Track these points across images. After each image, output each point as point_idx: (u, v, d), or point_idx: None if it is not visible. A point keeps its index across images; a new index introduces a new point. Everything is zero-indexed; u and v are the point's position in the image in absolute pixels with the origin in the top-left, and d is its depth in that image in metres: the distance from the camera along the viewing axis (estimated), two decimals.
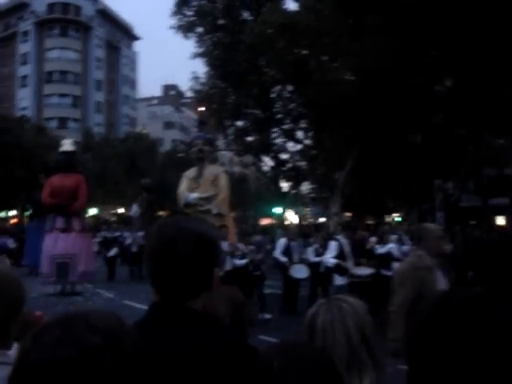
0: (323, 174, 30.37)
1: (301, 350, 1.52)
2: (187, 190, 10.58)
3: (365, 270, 11.33)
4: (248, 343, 1.79)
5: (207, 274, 1.79)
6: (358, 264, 11.50)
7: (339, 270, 11.07)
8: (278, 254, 13.87)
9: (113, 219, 49.12)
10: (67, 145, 17.20)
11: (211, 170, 10.60)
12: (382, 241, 13.07)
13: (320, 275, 13.30)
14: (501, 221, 31.72)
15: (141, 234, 20.83)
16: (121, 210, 55.09)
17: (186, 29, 28.41)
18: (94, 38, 74.83)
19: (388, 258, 12.34)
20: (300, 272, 13.20)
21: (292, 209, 52.40)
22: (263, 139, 30.78)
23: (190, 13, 28.34)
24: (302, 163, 33.80)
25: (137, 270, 20.32)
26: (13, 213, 46.72)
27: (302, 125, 31.16)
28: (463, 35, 17.98)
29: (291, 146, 32.93)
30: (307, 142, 32.09)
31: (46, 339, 1.04)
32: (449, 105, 21.98)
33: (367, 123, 21.98)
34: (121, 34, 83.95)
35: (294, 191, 42.21)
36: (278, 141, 32.18)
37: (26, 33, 72.00)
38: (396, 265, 12.37)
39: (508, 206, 29.69)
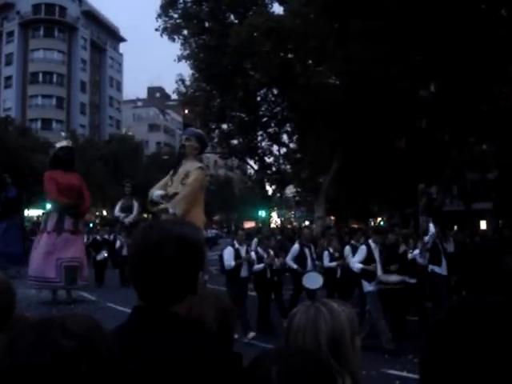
0: (308, 177, 30.44)
1: (299, 357, 1.51)
2: (160, 187, 10.25)
3: (393, 277, 10.60)
4: (232, 350, 1.78)
5: (191, 277, 1.76)
6: (387, 270, 10.83)
7: (366, 275, 10.51)
8: (289, 260, 12.85)
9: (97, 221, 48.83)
10: (64, 142, 16.51)
11: (187, 166, 10.05)
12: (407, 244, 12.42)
13: (336, 281, 12.81)
14: (483, 225, 31.98)
15: None
16: (104, 212, 54.86)
17: (171, 31, 28.34)
18: (79, 39, 74.35)
19: (413, 264, 11.82)
20: (313, 281, 12.22)
21: (276, 212, 52.48)
22: (248, 142, 30.80)
23: (175, 15, 28.28)
24: (287, 167, 33.87)
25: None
26: None
27: (287, 128, 31.24)
28: (447, 42, 18.09)
29: (276, 149, 33.04)
30: (292, 145, 32.18)
31: (21, 344, 1.04)
32: (432, 110, 22.10)
33: (352, 127, 22.03)
34: (106, 35, 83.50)
35: (278, 194, 42.25)
36: (263, 144, 32.25)
37: (10, 33, 71.40)
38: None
39: (490, 210, 29.92)
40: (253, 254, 12.39)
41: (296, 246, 13.18)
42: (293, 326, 1.96)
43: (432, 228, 11.83)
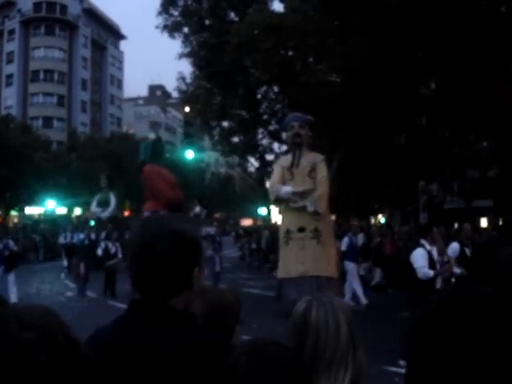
0: None
1: (271, 349, 1.51)
2: (280, 181, 8.81)
3: None
4: (225, 343, 1.79)
5: (187, 272, 1.78)
6: None
7: None
8: (453, 264, 9.92)
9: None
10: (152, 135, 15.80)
11: (309, 157, 8.74)
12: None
13: None
14: (484, 223, 31.96)
15: None
16: None
17: (171, 29, 28.33)
18: (80, 37, 74.31)
19: None
20: None
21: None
22: (249, 140, 30.79)
23: (176, 13, 28.27)
24: None
25: None
26: None
27: None
28: (447, 38, 18.08)
29: (277, 147, 33.02)
30: None
31: None
32: (433, 107, 22.07)
33: (353, 125, 22.01)
34: (107, 33, 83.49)
35: None
36: (264, 142, 32.23)
37: (11, 31, 71.31)
38: None
39: (491, 208, 29.89)
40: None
41: (455, 246, 10.76)
42: (311, 322, 1.95)
43: None
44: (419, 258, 8.73)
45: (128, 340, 1.71)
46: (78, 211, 51.24)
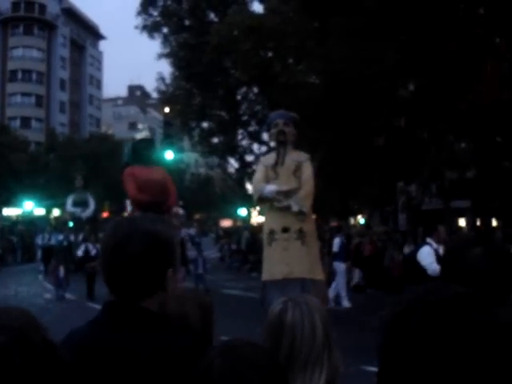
0: None
1: (246, 350, 1.50)
2: (263, 180, 8.63)
3: None
4: (205, 344, 1.78)
5: (161, 273, 1.77)
6: None
7: None
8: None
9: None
10: (145, 132, 15.70)
11: (294, 156, 8.63)
12: None
13: None
14: (462, 223, 32.24)
15: None
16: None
17: (151, 29, 28.26)
18: (58, 36, 73.75)
19: None
20: None
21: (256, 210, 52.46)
22: (228, 141, 30.80)
23: (155, 13, 28.20)
24: None
25: None
26: None
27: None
28: (425, 40, 18.18)
29: (257, 148, 33.05)
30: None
31: None
32: (411, 108, 22.20)
33: (332, 126, 22.08)
34: (86, 33, 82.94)
35: None
36: (244, 143, 32.25)
37: None
38: None
39: (469, 208, 30.13)
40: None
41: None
42: (286, 322, 1.95)
43: None
44: (427, 256, 8.68)
45: (102, 341, 1.70)
46: (56, 212, 50.84)
